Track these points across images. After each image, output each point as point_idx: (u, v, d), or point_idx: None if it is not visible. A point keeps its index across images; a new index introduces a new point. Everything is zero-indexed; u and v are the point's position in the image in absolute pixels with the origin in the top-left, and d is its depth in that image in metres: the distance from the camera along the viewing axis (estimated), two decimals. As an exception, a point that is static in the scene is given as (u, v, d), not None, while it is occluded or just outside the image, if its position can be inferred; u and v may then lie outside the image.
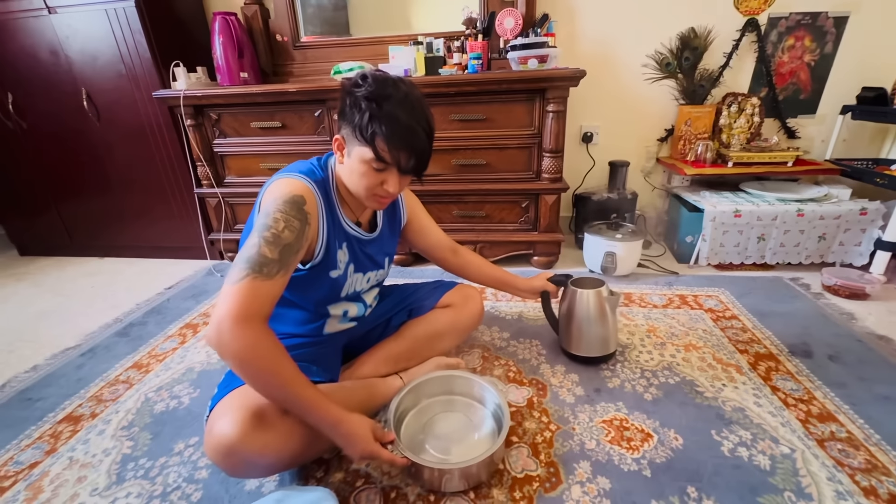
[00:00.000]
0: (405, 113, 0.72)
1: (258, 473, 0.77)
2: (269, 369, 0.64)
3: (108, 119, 1.76)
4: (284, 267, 0.69)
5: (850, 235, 1.53)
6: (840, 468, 0.79)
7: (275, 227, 0.70)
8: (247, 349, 0.62)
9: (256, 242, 0.68)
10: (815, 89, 1.75)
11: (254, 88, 1.58)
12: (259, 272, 0.66)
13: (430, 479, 0.76)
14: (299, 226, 0.73)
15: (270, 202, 0.73)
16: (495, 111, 1.52)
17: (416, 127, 0.74)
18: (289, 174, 0.79)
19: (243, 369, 0.63)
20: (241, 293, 0.64)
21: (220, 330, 0.62)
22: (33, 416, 1.02)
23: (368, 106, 0.71)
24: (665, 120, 1.86)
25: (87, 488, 0.82)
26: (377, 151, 0.73)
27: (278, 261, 0.68)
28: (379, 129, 0.71)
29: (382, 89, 0.72)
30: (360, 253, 0.90)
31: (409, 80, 0.77)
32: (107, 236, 2.02)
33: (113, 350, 1.29)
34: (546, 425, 0.92)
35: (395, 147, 0.73)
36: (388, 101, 0.71)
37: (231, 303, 0.63)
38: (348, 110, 0.74)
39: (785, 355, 1.11)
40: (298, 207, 0.74)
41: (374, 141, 0.72)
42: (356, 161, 0.76)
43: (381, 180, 0.77)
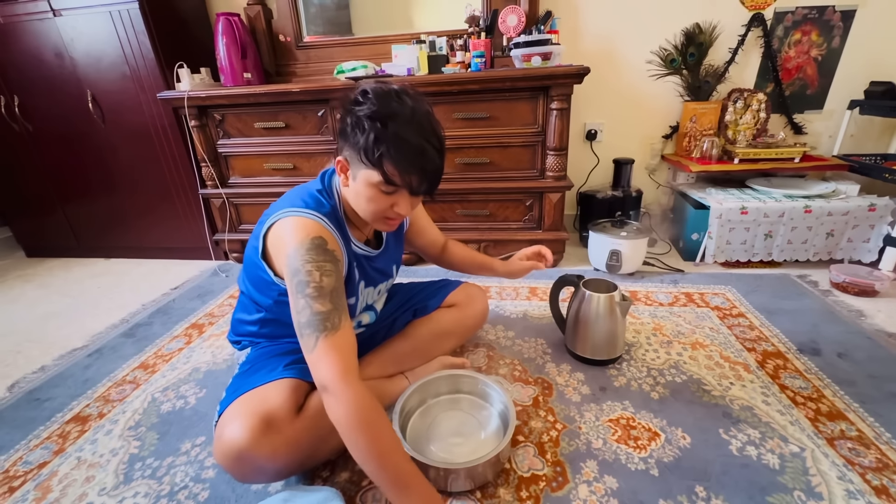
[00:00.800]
0: (413, 132, 0.68)
1: (267, 478, 0.77)
2: (375, 438, 0.62)
3: (113, 121, 1.77)
4: (343, 311, 0.68)
5: (858, 232, 1.51)
6: (850, 467, 0.78)
7: (314, 281, 0.66)
8: (356, 414, 0.61)
9: (305, 304, 0.65)
10: (822, 84, 1.73)
11: (257, 89, 1.59)
12: (325, 329, 0.64)
13: (436, 478, 0.76)
14: (332, 267, 0.69)
15: (294, 255, 0.69)
16: (499, 109, 1.51)
17: (426, 146, 0.69)
18: (297, 213, 0.73)
19: (351, 434, 0.61)
20: (325, 355, 0.63)
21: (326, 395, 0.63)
22: (42, 417, 1.03)
23: (372, 126, 0.66)
24: (670, 117, 1.85)
25: (95, 488, 0.83)
26: (386, 175, 0.68)
27: (334, 309, 0.66)
28: (387, 151, 0.66)
29: (386, 106, 0.67)
30: (369, 269, 0.88)
31: (414, 92, 0.72)
32: (112, 237, 2.03)
33: (119, 350, 1.29)
34: (552, 424, 0.91)
35: (405, 170, 0.68)
36: (393, 120, 0.67)
37: (323, 368, 0.63)
38: (350, 130, 0.69)
39: (793, 353, 1.10)
40: (323, 250, 0.70)
41: (382, 164, 0.67)
42: (362, 185, 0.71)
43: (391, 203, 0.73)
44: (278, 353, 0.85)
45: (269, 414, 0.68)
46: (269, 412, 0.69)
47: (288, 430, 0.69)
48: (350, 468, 0.83)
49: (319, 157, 1.67)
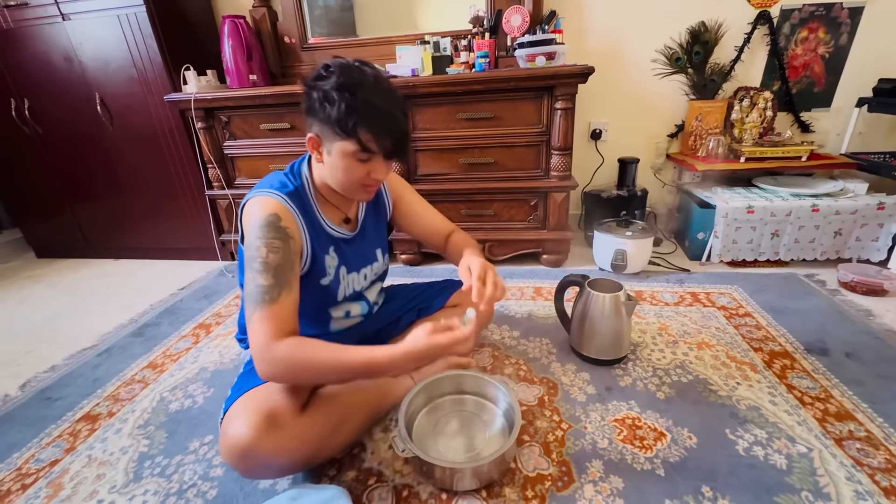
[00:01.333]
0: (381, 98, 0.71)
1: (272, 474, 0.78)
2: (307, 368, 0.68)
3: (121, 123, 1.79)
4: (285, 286, 0.71)
5: (866, 231, 1.50)
6: (859, 468, 0.77)
7: (260, 256, 0.71)
8: (281, 368, 0.67)
9: (252, 277, 0.71)
10: (829, 82, 1.71)
11: (263, 90, 1.60)
12: (263, 301, 0.69)
13: (442, 477, 0.76)
14: (281, 244, 0.73)
15: (250, 232, 0.73)
16: (503, 109, 1.52)
17: (395, 111, 0.73)
18: (260, 192, 0.77)
19: (291, 380, 0.71)
20: (257, 324, 0.68)
21: (259, 360, 0.67)
22: (53, 415, 1.05)
23: (341, 97, 0.69)
24: (675, 115, 1.84)
25: (105, 486, 0.84)
26: (361, 143, 0.71)
27: (275, 284, 0.70)
28: (360, 119, 0.70)
29: (350, 76, 0.70)
30: (348, 253, 0.89)
31: (369, 63, 0.75)
32: (120, 238, 2.06)
33: (128, 350, 1.31)
34: (557, 424, 0.91)
35: (379, 135, 0.72)
36: (360, 89, 0.69)
37: (254, 335, 0.68)
38: (318, 105, 0.71)
39: (800, 353, 1.09)
40: (275, 227, 0.73)
41: (357, 133, 0.70)
42: (338, 157, 0.74)
43: (368, 170, 0.76)
44: None
45: (274, 411, 0.69)
46: (274, 409, 0.70)
47: (292, 427, 0.70)
48: (357, 467, 0.84)
49: (324, 157, 1.68)
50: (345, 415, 0.81)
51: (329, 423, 0.77)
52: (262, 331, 0.67)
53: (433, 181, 1.64)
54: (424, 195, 1.07)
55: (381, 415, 0.94)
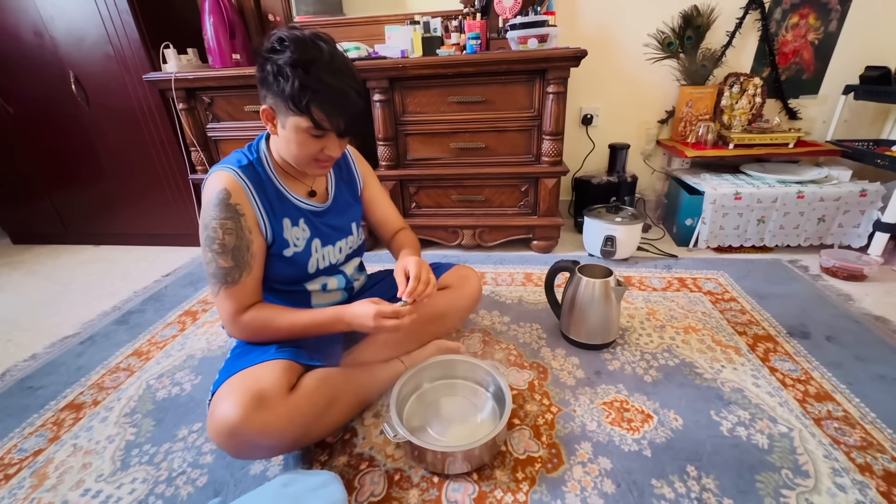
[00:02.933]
0: (335, 76, 0.70)
1: (261, 455, 0.78)
2: (268, 330, 0.80)
3: (98, 103, 1.72)
4: (244, 266, 0.77)
5: (849, 217, 1.53)
6: (836, 446, 0.80)
7: (217, 238, 0.75)
8: (245, 333, 0.80)
9: (211, 258, 0.75)
10: (817, 69, 1.72)
11: (247, 70, 1.54)
12: (225, 282, 0.76)
13: (434, 461, 0.77)
14: (233, 225, 0.75)
15: (204, 210, 0.76)
16: (494, 93, 1.49)
17: (349, 89, 0.72)
18: (215, 168, 0.79)
19: (253, 339, 0.81)
20: (223, 303, 0.77)
21: (228, 328, 0.80)
22: (35, 405, 1.02)
23: (295, 73, 0.68)
24: (666, 101, 1.84)
25: (92, 475, 0.83)
26: (315, 120, 0.71)
27: (235, 266, 0.76)
28: (312, 97, 0.69)
29: (305, 53, 0.69)
30: (321, 226, 0.90)
31: (326, 35, 0.74)
32: (101, 224, 2.00)
33: (112, 338, 1.28)
34: (547, 408, 0.92)
35: (332, 114, 0.72)
36: (314, 66, 0.69)
37: (222, 311, 0.79)
38: (272, 79, 0.70)
39: (783, 336, 1.12)
40: (226, 205, 0.75)
41: (310, 110, 0.70)
42: (291, 132, 0.74)
43: (321, 146, 0.76)
44: None
45: (261, 391, 0.69)
46: (261, 390, 0.69)
47: (280, 407, 0.70)
48: (348, 452, 0.84)
49: (312, 141, 1.64)
50: (334, 397, 0.81)
51: (318, 403, 0.76)
52: (227, 307, 0.78)
53: (423, 166, 1.62)
54: (415, 180, 1.06)
55: (372, 399, 0.94)
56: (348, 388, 0.85)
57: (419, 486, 0.77)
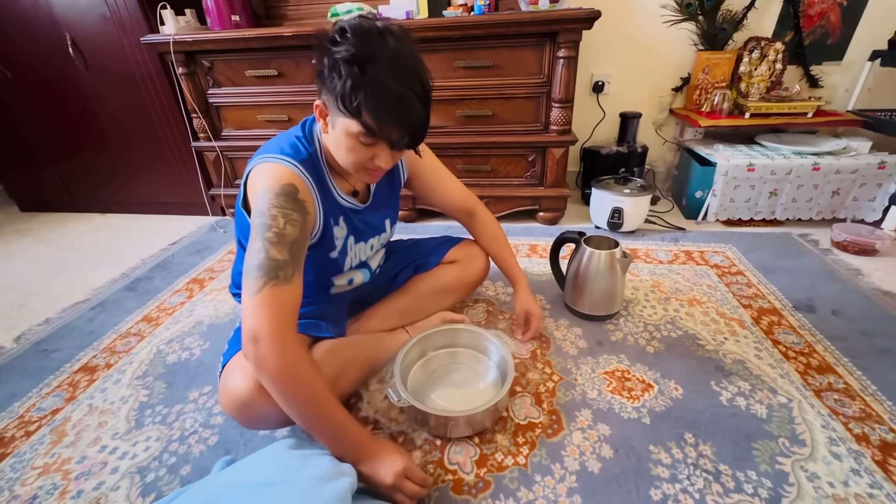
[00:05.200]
0: (395, 78, 0.61)
1: (272, 425, 0.80)
2: (306, 389, 0.61)
3: (97, 67, 1.68)
4: (298, 266, 0.65)
5: (864, 190, 1.49)
6: (835, 417, 0.81)
7: (276, 226, 0.63)
8: (286, 367, 0.59)
9: (262, 247, 0.62)
10: (844, 33, 1.63)
11: (246, 32, 1.49)
12: (276, 277, 0.61)
13: (437, 425, 0.79)
14: (300, 217, 0.67)
15: (262, 197, 0.66)
16: (503, 57, 1.44)
17: (409, 95, 0.63)
18: (272, 158, 0.70)
19: (281, 386, 0.60)
20: (266, 304, 0.60)
21: (256, 345, 0.59)
22: (50, 367, 1.06)
23: (350, 71, 0.61)
24: (681, 68, 1.76)
25: (108, 433, 0.86)
26: (365, 125, 0.63)
27: (290, 261, 0.63)
28: (364, 100, 0.61)
29: (365, 48, 0.61)
30: (358, 223, 0.85)
31: (399, 30, 0.65)
32: (106, 192, 2.00)
33: (122, 304, 1.31)
34: (549, 376, 0.94)
35: (384, 122, 0.63)
36: (373, 64, 0.60)
37: (259, 316, 0.59)
38: (327, 74, 0.64)
39: (788, 310, 1.12)
40: (293, 198, 0.67)
41: (361, 114, 0.62)
42: (341, 133, 0.67)
43: (371, 155, 0.68)
44: None
45: None
46: None
47: None
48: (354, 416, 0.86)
49: (315, 108, 1.60)
50: (342, 368, 0.82)
51: (327, 374, 0.78)
52: (274, 313, 0.60)
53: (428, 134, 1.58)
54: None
55: (377, 368, 0.96)
56: (356, 359, 0.87)
57: (422, 448, 0.79)
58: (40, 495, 0.74)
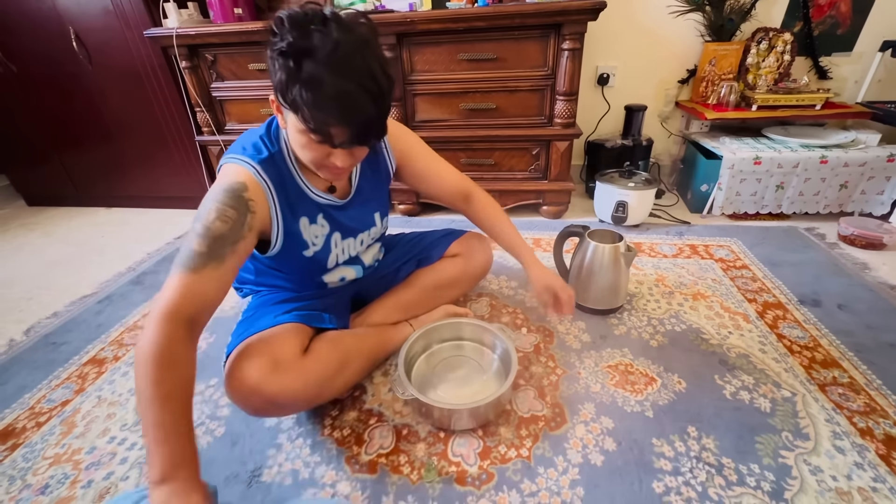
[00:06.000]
0: (335, 73, 0.56)
1: (277, 413, 0.81)
2: (155, 374, 0.54)
3: (101, 62, 1.68)
4: (215, 260, 0.62)
5: (873, 183, 1.47)
6: (839, 411, 0.81)
7: (206, 219, 0.63)
8: (149, 347, 0.55)
9: (189, 236, 0.63)
10: (854, 23, 1.61)
11: (249, 25, 1.49)
12: (185, 266, 0.60)
13: (440, 418, 0.79)
14: (235, 215, 0.65)
15: (210, 191, 0.67)
16: (507, 50, 1.42)
17: (354, 90, 0.58)
18: (232, 159, 0.70)
19: (137, 364, 0.55)
20: (168, 287, 0.59)
21: (147, 323, 0.57)
22: (59, 359, 1.07)
23: (284, 65, 0.57)
24: (688, 59, 1.74)
25: (116, 424, 0.87)
26: (306, 122, 0.60)
27: (206, 254, 0.61)
28: (301, 97, 0.57)
29: (302, 40, 0.56)
30: (341, 219, 0.84)
31: (350, 17, 0.60)
32: (111, 186, 2.01)
33: (129, 297, 1.32)
34: (552, 370, 0.94)
35: (322, 120, 0.59)
36: (310, 58, 0.56)
37: (161, 298, 0.59)
38: (271, 66, 0.60)
39: (794, 304, 1.11)
40: (237, 196, 0.66)
41: (298, 111, 0.59)
42: (293, 130, 0.64)
43: (327, 153, 0.65)
44: (280, 300, 0.86)
45: (276, 354, 0.71)
46: (276, 353, 0.71)
47: (295, 369, 0.72)
48: (358, 408, 0.87)
49: (318, 101, 1.60)
50: (346, 359, 0.83)
51: (330, 365, 0.78)
52: (169, 297, 0.58)
53: (431, 128, 1.58)
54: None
55: (381, 360, 0.97)
56: (359, 351, 0.87)
57: (426, 440, 0.80)
58: (51, 484, 0.76)
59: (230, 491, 0.73)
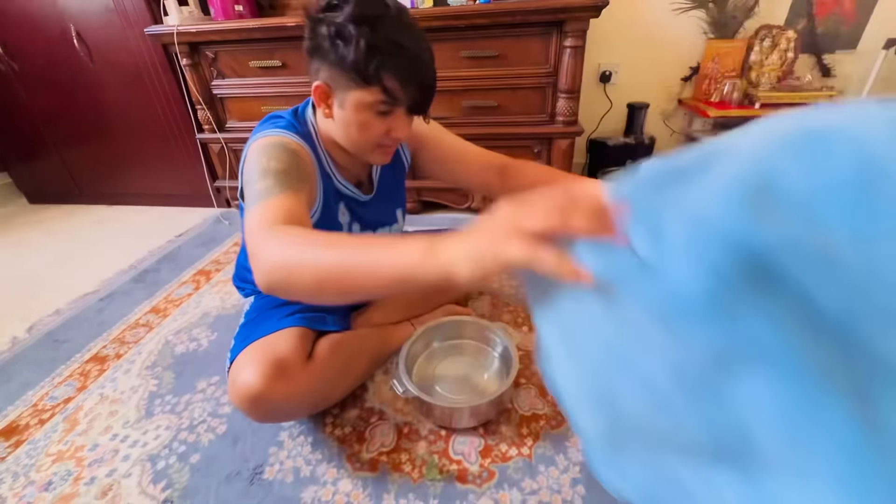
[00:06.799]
0: (408, 37, 0.59)
1: (281, 419, 0.81)
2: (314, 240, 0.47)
3: (102, 59, 1.68)
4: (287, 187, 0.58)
5: (876, 182, 1.47)
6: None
7: (259, 168, 0.60)
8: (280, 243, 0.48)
9: (252, 189, 0.59)
10: (859, 20, 1.60)
11: (250, 23, 1.48)
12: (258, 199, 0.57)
13: (442, 416, 0.79)
14: (287, 157, 0.63)
15: (253, 155, 0.63)
16: (509, 47, 1.42)
17: (422, 52, 0.61)
18: (265, 132, 0.68)
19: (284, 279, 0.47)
20: (250, 220, 0.54)
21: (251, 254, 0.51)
22: (62, 357, 1.07)
23: (361, 32, 0.56)
24: (691, 57, 1.74)
25: (119, 421, 0.88)
26: (387, 90, 0.60)
27: (275, 184, 0.58)
28: (382, 61, 0.57)
29: (370, 7, 0.57)
30: (362, 214, 0.84)
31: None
32: (113, 184, 2.01)
33: (131, 295, 1.32)
34: (553, 368, 0.94)
35: (406, 82, 0.60)
36: (383, 24, 0.57)
37: (246, 231, 0.54)
38: (328, 44, 0.59)
39: (795, 303, 1.11)
40: (283, 147, 0.64)
41: (380, 78, 0.59)
42: (352, 111, 0.63)
43: (387, 127, 0.66)
44: (283, 302, 0.85)
45: (281, 361, 0.70)
46: (281, 359, 0.70)
47: (300, 376, 0.71)
48: (359, 406, 0.87)
49: (319, 99, 1.60)
50: (348, 362, 0.83)
51: (334, 370, 0.78)
52: (254, 219, 0.53)
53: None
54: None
55: (383, 360, 0.97)
56: (362, 353, 0.87)
57: (427, 438, 0.80)
58: (55, 481, 0.76)
59: (232, 489, 0.73)
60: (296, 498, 0.71)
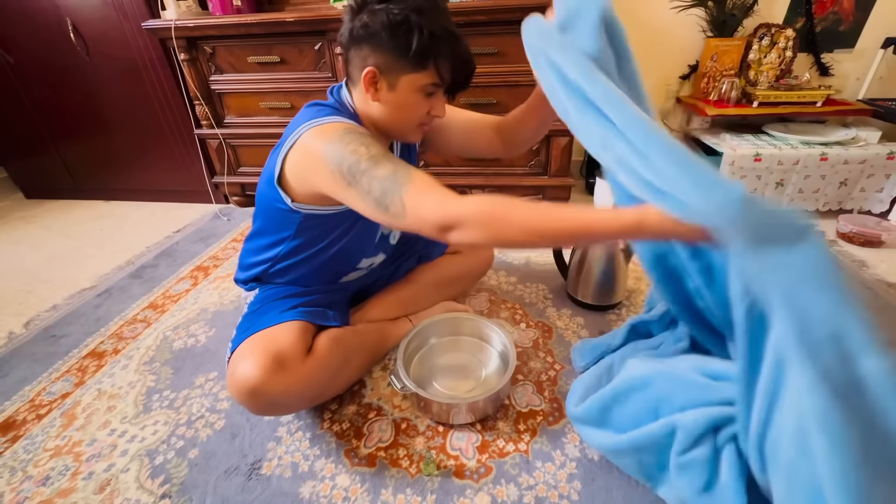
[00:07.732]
0: (453, 24, 0.66)
1: (280, 412, 0.82)
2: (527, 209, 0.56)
3: (98, 52, 1.67)
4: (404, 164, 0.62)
5: (872, 181, 1.47)
6: (835, 407, 0.81)
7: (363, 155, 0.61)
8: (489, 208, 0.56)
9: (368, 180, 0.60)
10: (857, 19, 1.60)
11: (248, 18, 1.47)
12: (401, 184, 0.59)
13: (439, 412, 0.80)
14: (372, 140, 0.65)
15: (331, 150, 0.63)
16: (508, 44, 1.42)
17: (463, 39, 0.68)
18: (320, 122, 0.67)
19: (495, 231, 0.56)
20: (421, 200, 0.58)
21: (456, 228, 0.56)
22: (59, 352, 1.07)
23: (422, 21, 0.63)
24: (690, 55, 1.74)
25: (117, 416, 0.88)
26: (440, 73, 0.67)
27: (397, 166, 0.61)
28: (440, 47, 0.65)
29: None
30: None
31: None
32: (110, 179, 2.00)
33: (128, 291, 1.32)
34: (551, 365, 0.95)
35: (455, 65, 0.67)
36: (436, 13, 0.64)
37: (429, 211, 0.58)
38: (384, 33, 0.63)
39: (791, 301, 1.11)
40: (359, 131, 0.66)
41: (438, 62, 0.66)
42: (405, 92, 0.68)
43: (429, 107, 0.71)
44: (286, 295, 0.86)
45: (281, 354, 0.70)
46: (281, 352, 0.70)
47: (299, 370, 0.72)
48: (357, 402, 0.87)
49: (317, 95, 1.59)
50: (347, 357, 0.83)
51: (333, 364, 0.79)
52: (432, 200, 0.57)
53: (432, 123, 1.57)
54: (423, 136, 1.00)
55: (381, 355, 0.97)
56: (360, 348, 0.88)
57: (425, 434, 0.80)
58: (52, 476, 0.76)
59: (230, 484, 0.73)
60: (294, 493, 0.72)
